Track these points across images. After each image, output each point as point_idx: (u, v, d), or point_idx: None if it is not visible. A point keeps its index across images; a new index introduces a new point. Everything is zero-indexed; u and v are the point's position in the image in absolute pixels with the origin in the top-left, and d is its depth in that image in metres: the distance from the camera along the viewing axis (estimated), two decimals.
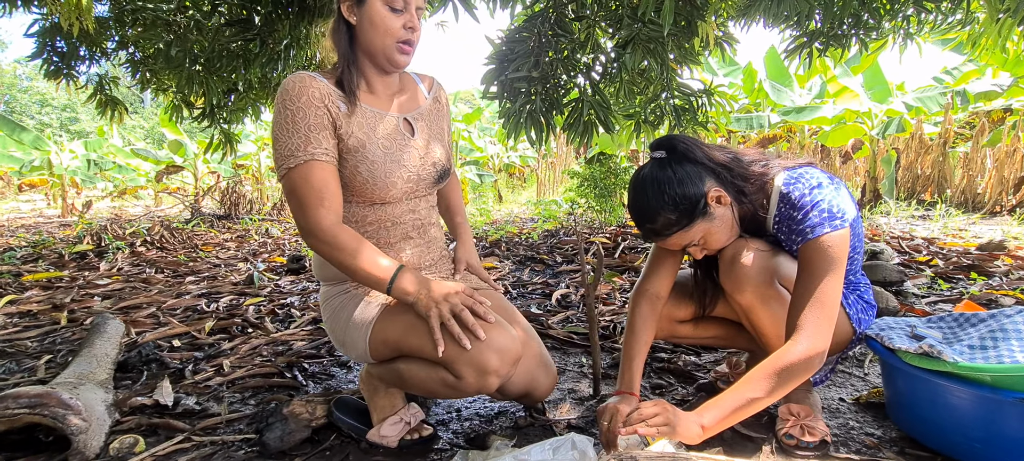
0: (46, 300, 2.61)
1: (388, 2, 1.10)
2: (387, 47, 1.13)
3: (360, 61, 1.17)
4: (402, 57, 1.15)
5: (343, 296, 1.24)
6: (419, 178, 1.22)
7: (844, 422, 1.36)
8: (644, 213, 1.15)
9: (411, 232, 1.25)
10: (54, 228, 6.12)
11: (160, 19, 2.82)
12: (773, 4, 1.82)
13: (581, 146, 2.58)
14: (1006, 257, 3.18)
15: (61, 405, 1.19)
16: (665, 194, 1.11)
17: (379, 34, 1.11)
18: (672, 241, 1.17)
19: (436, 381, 1.11)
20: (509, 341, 1.08)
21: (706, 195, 1.12)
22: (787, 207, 1.14)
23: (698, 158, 1.15)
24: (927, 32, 2.97)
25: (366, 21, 1.11)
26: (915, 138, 7.26)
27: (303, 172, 1.07)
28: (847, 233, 1.08)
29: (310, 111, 1.09)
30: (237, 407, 1.49)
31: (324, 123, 1.10)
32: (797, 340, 1.04)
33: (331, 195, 1.09)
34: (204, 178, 9.10)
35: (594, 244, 3.73)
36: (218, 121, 3.63)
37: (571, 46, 2.25)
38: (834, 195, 1.10)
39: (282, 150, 1.09)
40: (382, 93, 1.22)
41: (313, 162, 1.08)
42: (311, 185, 1.07)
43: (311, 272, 3.35)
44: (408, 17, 1.12)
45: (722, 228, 1.16)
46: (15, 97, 24.13)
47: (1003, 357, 1.10)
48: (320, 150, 1.09)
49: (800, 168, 1.18)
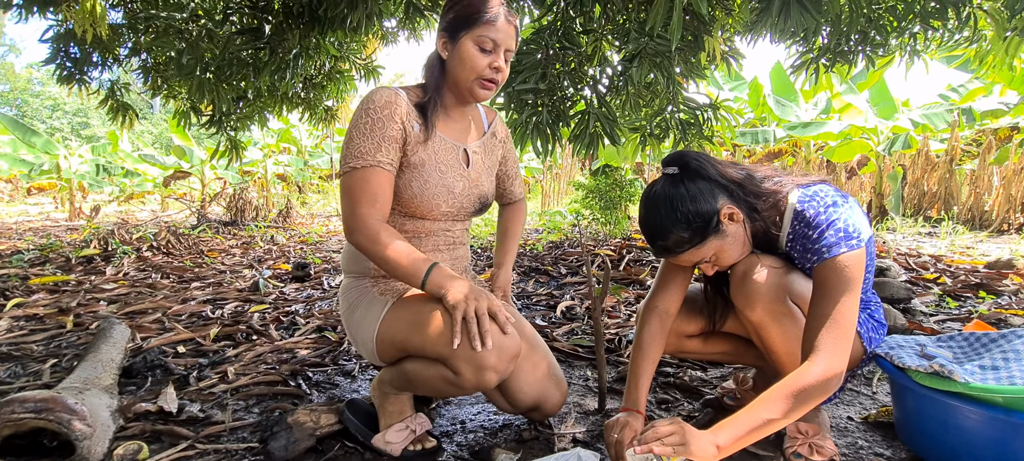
0: (52, 304, 2.62)
1: (478, 43, 1.20)
2: (471, 82, 1.23)
3: (444, 92, 1.28)
4: (483, 92, 1.25)
5: (359, 291, 1.30)
6: (461, 206, 1.31)
7: (853, 441, 1.34)
8: (656, 230, 1.15)
9: (441, 247, 1.33)
10: (61, 232, 6.16)
11: (173, 27, 2.86)
12: (780, 20, 1.82)
13: (586, 158, 2.59)
14: (1015, 276, 3.15)
15: (66, 410, 1.19)
16: (677, 211, 1.11)
17: (466, 70, 1.22)
18: (684, 258, 1.16)
19: (437, 378, 1.14)
20: (508, 338, 1.10)
21: (719, 212, 1.12)
22: (802, 225, 1.13)
23: (711, 175, 1.14)
24: (934, 49, 2.97)
25: (457, 57, 1.22)
26: (921, 155, 7.24)
27: (366, 174, 1.17)
28: (863, 253, 1.07)
29: (389, 124, 1.19)
30: (241, 415, 1.49)
31: (397, 138, 1.20)
32: (815, 361, 1.01)
33: (383, 200, 1.18)
34: (211, 184, 9.17)
35: (600, 257, 3.72)
36: (226, 128, 3.67)
37: (578, 59, 2.27)
38: (850, 214, 1.09)
39: (353, 150, 1.18)
40: (455, 120, 1.33)
41: (377, 168, 1.17)
42: (369, 186, 1.16)
43: (316, 280, 3.36)
44: (494, 58, 1.22)
45: (734, 245, 1.16)
46: (27, 101, 24.44)
47: (1015, 378, 1.09)
48: (386, 160, 1.18)
49: (814, 185, 1.17)
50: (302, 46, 2.84)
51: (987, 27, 2.63)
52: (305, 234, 6.04)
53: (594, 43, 2.22)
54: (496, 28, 1.19)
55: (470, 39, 1.20)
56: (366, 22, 2.56)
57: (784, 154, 9.17)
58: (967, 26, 2.49)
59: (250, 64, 2.94)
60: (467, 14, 1.20)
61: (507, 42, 1.22)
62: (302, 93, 3.78)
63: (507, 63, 1.24)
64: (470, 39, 1.20)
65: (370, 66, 3.76)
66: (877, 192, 7.00)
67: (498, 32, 1.20)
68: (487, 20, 1.19)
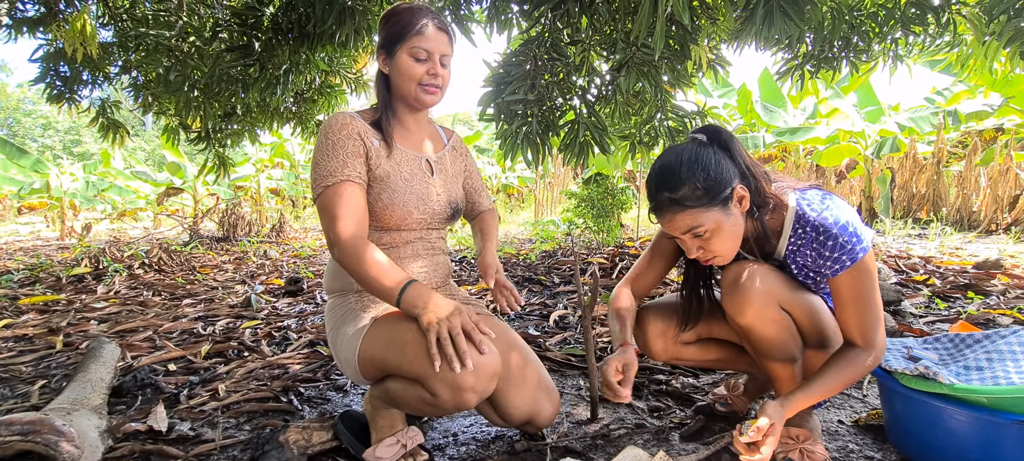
0: (42, 324, 2.60)
1: (413, 54, 1.27)
2: (415, 90, 1.30)
3: (394, 104, 1.35)
4: (428, 97, 1.31)
5: (344, 309, 1.30)
6: (433, 212, 1.36)
7: (843, 445, 1.35)
8: (668, 179, 1.12)
9: (421, 253, 1.37)
10: (52, 251, 6.11)
11: (162, 45, 2.87)
12: (764, 28, 1.85)
13: (578, 167, 2.61)
14: (1003, 276, 3.18)
15: (54, 432, 1.18)
16: (698, 167, 1.11)
17: (405, 80, 1.29)
18: (681, 218, 1.12)
19: (416, 398, 1.14)
20: (485, 358, 1.10)
21: (734, 187, 1.13)
22: (810, 230, 1.14)
23: (736, 154, 1.17)
24: (916, 54, 3.03)
25: (396, 70, 1.29)
26: (909, 157, 7.32)
27: (338, 190, 1.21)
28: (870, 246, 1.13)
29: (349, 142, 1.25)
30: (232, 433, 1.48)
31: (359, 152, 1.26)
32: (867, 351, 1.13)
33: (358, 212, 1.21)
34: (203, 200, 9.13)
35: (591, 265, 3.73)
36: (214, 144, 3.67)
37: (567, 69, 2.29)
38: (852, 216, 1.13)
39: (321, 172, 1.22)
40: (413, 131, 1.39)
41: (347, 182, 1.22)
42: (342, 200, 1.20)
43: (309, 294, 3.34)
44: (431, 65, 1.29)
45: (731, 231, 1.14)
46: (18, 120, 24.31)
47: (999, 378, 1.10)
48: (354, 173, 1.23)
49: (809, 190, 1.19)
50: (292, 61, 2.85)
51: (967, 32, 2.68)
52: (298, 248, 6.02)
53: (582, 53, 2.25)
54: (426, 37, 1.27)
55: (405, 52, 1.27)
56: (355, 37, 2.57)
57: (774, 159, 9.25)
58: (947, 31, 2.54)
59: (239, 80, 2.94)
60: (399, 30, 1.28)
61: (440, 48, 1.29)
62: (293, 108, 3.79)
63: (446, 67, 1.31)
64: (405, 52, 1.27)
65: (360, 79, 3.78)
66: (867, 195, 7.07)
67: (429, 41, 1.27)
68: (416, 31, 1.26)
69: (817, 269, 1.17)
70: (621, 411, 1.57)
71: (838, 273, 1.12)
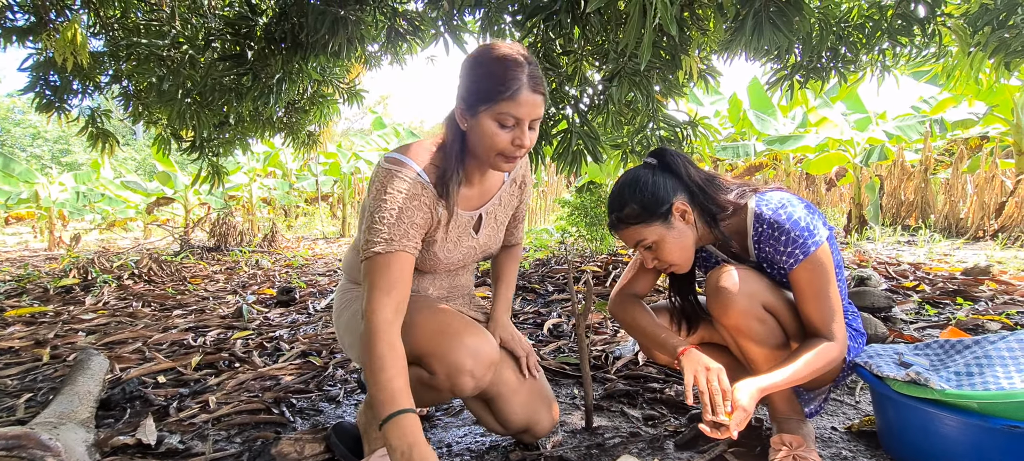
0: (29, 336, 2.55)
1: (499, 120, 1.06)
2: (491, 157, 1.11)
3: (466, 161, 1.18)
4: (506, 165, 1.12)
5: (354, 294, 1.32)
6: (464, 263, 1.32)
7: (837, 452, 1.35)
8: (614, 200, 1.28)
9: (441, 275, 1.33)
10: (40, 262, 6.03)
11: (154, 54, 2.86)
12: (754, 39, 1.88)
13: (571, 175, 2.62)
14: (990, 282, 3.22)
15: (39, 446, 1.16)
16: (638, 190, 1.25)
17: (486, 147, 1.09)
18: (628, 233, 1.27)
19: (413, 380, 1.13)
20: (485, 344, 1.11)
21: (672, 204, 1.24)
22: (766, 228, 1.20)
23: (679, 172, 1.28)
24: (903, 65, 3.08)
25: (476, 132, 1.09)
26: (897, 165, 7.42)
27: (388, 260, 1.09)
28: (827, 245, 1.18)
29: (417, 213, 1.12)
30: (222, 445, 1.46)
31: (424, 225, 1.15)
32: (834, 345, 1.17)
33: (404, 287, 1.10)
34: (194, 210, 9.06)
35: (584, 273, 3.73)
36: (207, 154, 3.65)
37: (559, 79, 2.31)
38: (806, 213, 1.19)
39: (379, 235, 1.09)
40: (475, 185, 1.24)
41: (402, 253, 1.10)
42: (391, 272, 1.09)
43: (301, 304, 3.32)
44: (517, 134, 1.07)
45: (677, 241, 1.25)
46: (7, 130, 24.06)
47: (988, 384, 1.11)
48: (411, 245, 1.12)
49: (769, 192, 1.25)
50: (285, 71, 2.85)
51: (952, 43, 2.73)
52: (290, 258, 5.98)
53: (574, 63, 2.27)
54: (518, 103, 1.04)
55: (489, 116, 1.06)
56: (348, 47, 2.58)
57: (765, 167, 9.33)
58: (933, 42, 2.59)
59: (232, 89, 2.94)
60: (487, 89, 1.05)
61: (533, 113, 1.06)
62: (284, 118, 3.78)
63: (534, 130, 1.10)
64: (489, 116, 1.06)
65: (353, 90, 3.78)
66: (856, 203, 7.14)
67: (520, 107, 1.04)
68: (508, 96, 1.03)
69: (780, 265, 1.22)
70: (616, 420, 1.57)
71: (793, 267, 1.18)
